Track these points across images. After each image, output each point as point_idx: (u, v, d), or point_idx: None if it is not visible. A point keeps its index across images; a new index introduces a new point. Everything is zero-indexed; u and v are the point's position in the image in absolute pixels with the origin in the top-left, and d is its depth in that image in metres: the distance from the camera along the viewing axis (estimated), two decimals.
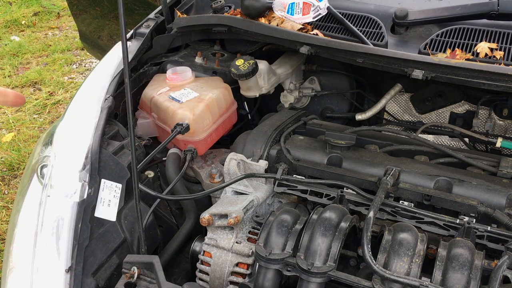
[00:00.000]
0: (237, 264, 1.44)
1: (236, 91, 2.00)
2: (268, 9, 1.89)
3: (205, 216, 1.47)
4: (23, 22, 5.86)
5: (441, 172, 1.55)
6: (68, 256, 1.38)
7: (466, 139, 1.99)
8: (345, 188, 1.52)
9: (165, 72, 1.99)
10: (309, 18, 1.83)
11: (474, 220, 1.40)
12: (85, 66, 5.03)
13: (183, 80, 1.93)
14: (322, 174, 1.61)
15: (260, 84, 1.95)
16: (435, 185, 1.52)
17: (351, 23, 1.85)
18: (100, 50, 3.54)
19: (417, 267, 1.24)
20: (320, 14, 1.83)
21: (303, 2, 1.78)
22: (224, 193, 1.64)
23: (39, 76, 4.69)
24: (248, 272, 1.43)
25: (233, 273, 1.44)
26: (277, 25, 1.87)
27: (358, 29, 1.81)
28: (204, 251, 1.49)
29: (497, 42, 1.66)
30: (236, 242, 1.46)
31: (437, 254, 1.27)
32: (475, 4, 1.78)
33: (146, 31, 2.01)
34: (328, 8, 1.84)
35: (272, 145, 1.70)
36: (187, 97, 1.84)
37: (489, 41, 1.66)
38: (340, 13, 1.91)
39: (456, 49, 1.66)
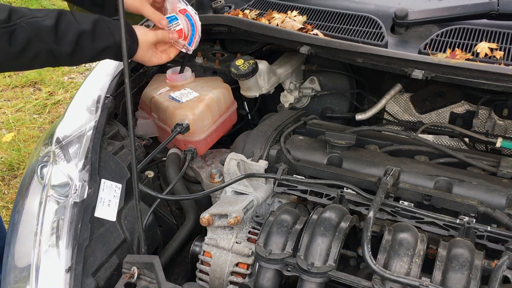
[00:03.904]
0: (237, 264, 1.44)
1: (236, 91, 2.00)
2: None
3: (205, 216, 1.47)
4: None
5: (441, 172, 1.55)
6: (68, 256, 1.38)
7: (466, 139, 1.99)
8: (345, 188, 1.52)
9: (165, 72, 1.99)
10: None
11: (474, 220, 1.40)
12: (85, 66, 5.02)
13: (183, 80, 1.93)
14: (322, 174, 1.61)
15: (260, 84, 1.95)
16: (435, 185, 1.52)
17: (351, 23, 1.85)
18: None
19: (417, 267, 1.24)
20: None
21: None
22: (224, 193, 1.64)
23: (39, 76, 4.69)
24: (248, 272, 1.43)
25: (233, 273, 1.44)
26: (277, 25, 1.87)
27: (358, 29, 1.81)
28: (204, 251, 1.49)
29: (497, 42, 1.66)
30: (236, 242, 1.46)
31: (437, 254, 1.26)
32: (475, 4, 1.78)
33: None
34: None
35: (272, 145, 1.70)
36: (187, 97, 1.84)
37: (489, 41, 1.66)
38: (340, 13, 1.91)
39: (456, 49, 1.66)
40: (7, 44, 1.22)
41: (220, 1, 2.09)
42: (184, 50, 1.67)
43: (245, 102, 2.21)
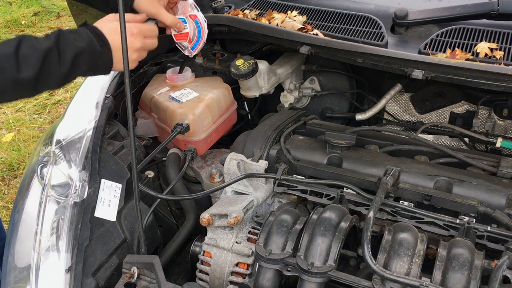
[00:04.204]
0: (237, 264, 1.44)
1: (236, 91, 2.00)
2: None
3: (205, 216, 1.47)
4: (23, 22, 5.86)
5: (441, 172, 1.55)
6: (68, 256, 1.38)
7: (466, 139, 1.99)
8: (345, 188, 1.52)
9: (165, 72, 1.99)
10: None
11: (474, 220, 1.40)
12: None
13: (183, 80, 1.93)
14: (322, 174, 1.61)
15: (260, 84, 1.95)
16: (435, 185, 1.52)
17: (351, 23, 1.85)
18: None
19: (417, 267, 1.24)
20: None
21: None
22: (224, 193, 1.64)
23: None
24: (248, 272, 1.43)
25: (233, 273, 1.44)
26: (277, 25, 1.87)
27: (358, 29, 1.81)
28: (204, 251, 1.49)
29: (497, 42, 1.66)
30: (236, 242, 1.46)
31: (437, 254, 1.26)
32: (475, 4, 1.78)
33: None
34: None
35: (272, 145, 1.70)
36: (187, 97, 1.84)
37: (489, 41, 1.66)
38: (340, 13, 1.91)
39: (456, 49, 1.66)
40: None
41: (220, 1, 2.09)
42: (186, 53, 1.72)
43: (245, 102, 2.21)
